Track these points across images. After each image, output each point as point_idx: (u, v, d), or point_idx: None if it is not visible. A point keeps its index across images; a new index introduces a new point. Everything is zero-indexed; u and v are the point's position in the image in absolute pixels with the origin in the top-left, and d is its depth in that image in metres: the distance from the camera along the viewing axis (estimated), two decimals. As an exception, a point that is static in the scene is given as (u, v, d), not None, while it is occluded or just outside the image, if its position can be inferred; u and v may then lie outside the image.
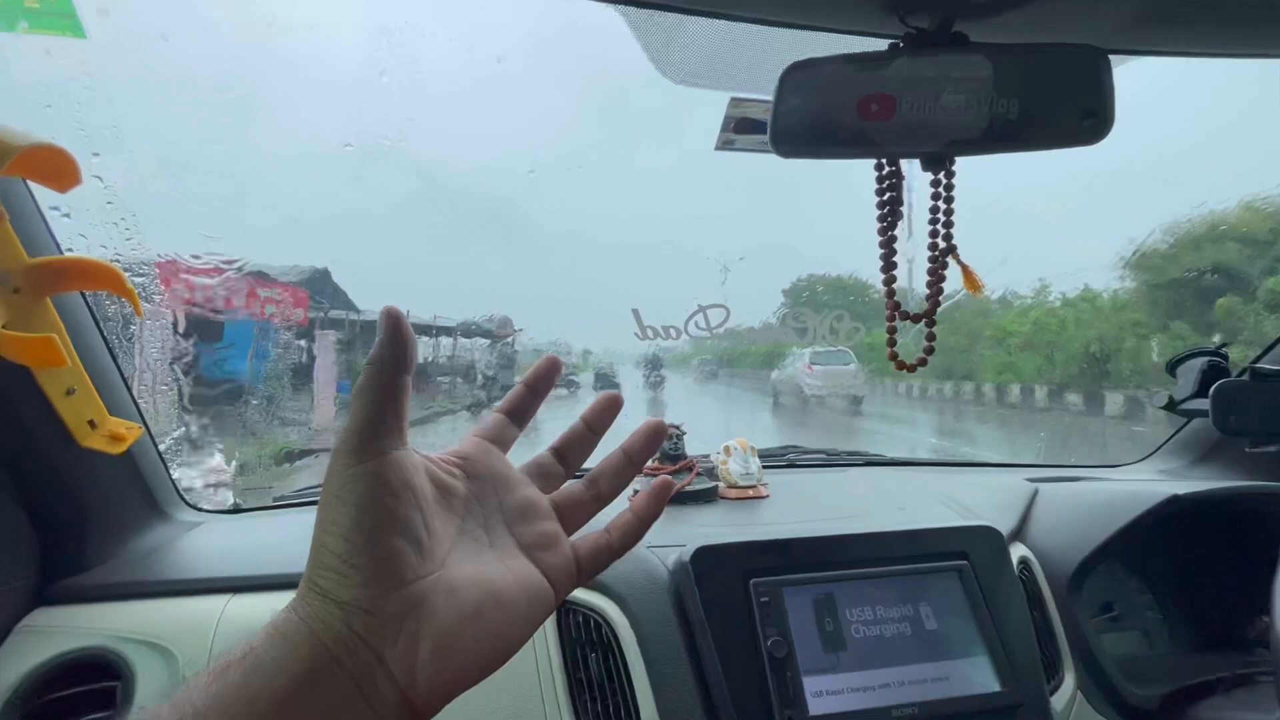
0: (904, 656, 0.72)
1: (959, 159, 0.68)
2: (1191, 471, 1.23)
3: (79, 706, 0.68)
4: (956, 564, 0.79)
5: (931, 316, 0.72)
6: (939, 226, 0.70)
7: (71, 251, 0.74)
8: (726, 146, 0.85)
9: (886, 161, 0.70)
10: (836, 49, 0.64)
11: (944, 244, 0.70)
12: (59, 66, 0.74)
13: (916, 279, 0.75)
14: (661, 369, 9.67)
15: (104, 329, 0.79)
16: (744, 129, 0.83)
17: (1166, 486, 0.94)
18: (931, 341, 0.73)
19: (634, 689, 0.70)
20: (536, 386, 0.41)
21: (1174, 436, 1.29)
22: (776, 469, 1.30)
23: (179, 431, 1.19)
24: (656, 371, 9.54)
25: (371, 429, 0.31)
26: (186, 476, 1.11)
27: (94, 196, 0.83)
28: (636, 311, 1.26)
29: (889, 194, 0.71)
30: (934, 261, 0.71)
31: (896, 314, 0.72)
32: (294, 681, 0.28)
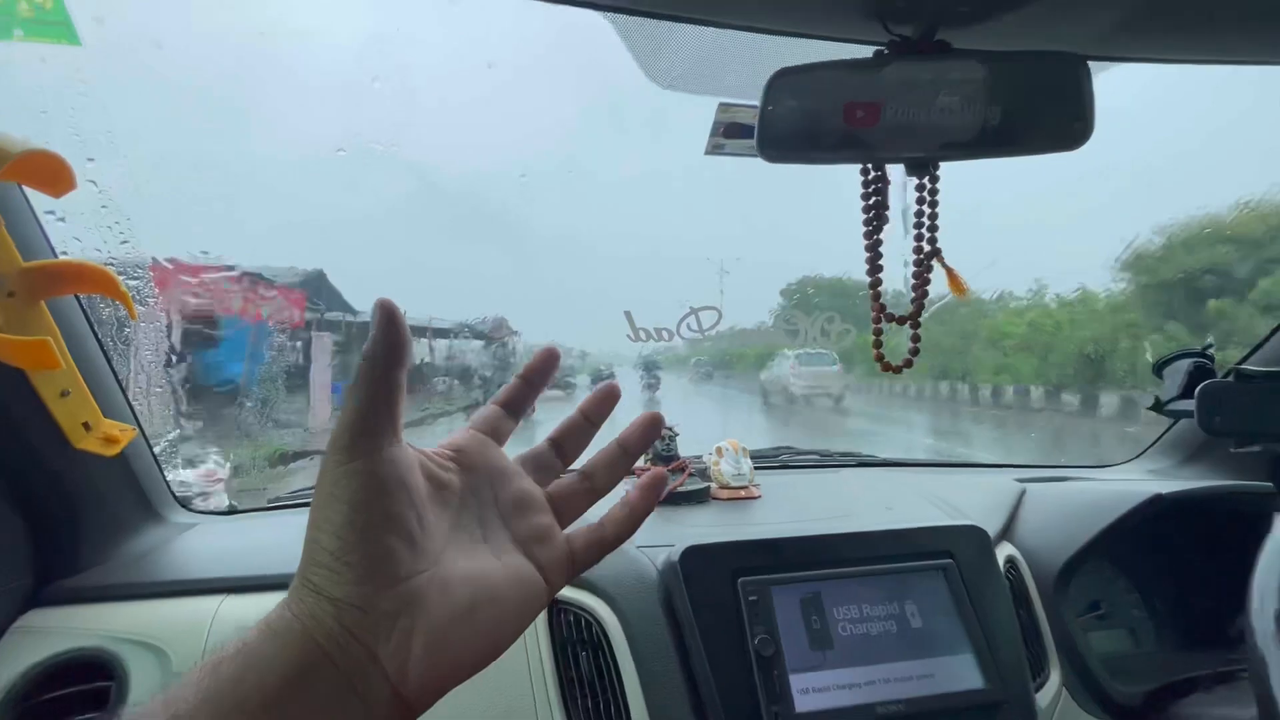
0: (890, 654, 0.73)
1: (943, 164, 0.70)
2: (1179, 471, 1.25)
3: (73, 707, 0.68)
4: (942, 563, 0.80)
5: (917, 319, 0.73)
6: (924, 230, 0.71)
7: (66, 255, 0.74)
8: (716, 151, 0.86)
9: (872, 166, 0.71)
10: (823, 55, 0.65)
11: (928, 247, 0.71)
12: (54, 73, 0.75)
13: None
14: (658, 370, 9.74)
15: (99, 332, 0.79)
16: (733, 134, 0.84)
17: (1153, 486, 0.95)
18: (917, 343, 0.74)
19: (624, 687, 0.70)
20: (533, 379, 0.41)
21: (1162, 437, 1.30)
22: (770, 469, 1.31)
23: (174, 433, 1.19)
24: (652, 373, 9.61)
25: (364, 425, 0.31)
26: (181, 478, 1.12)
27: (89, 201, 0.83)
28: (629, 314, 1.27)
29: (874, 198, 0.72)
30: (919, 265, 0.72)
31: (883, 316, 0.73)
32: (286, 677, 0.28)
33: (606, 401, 0.42)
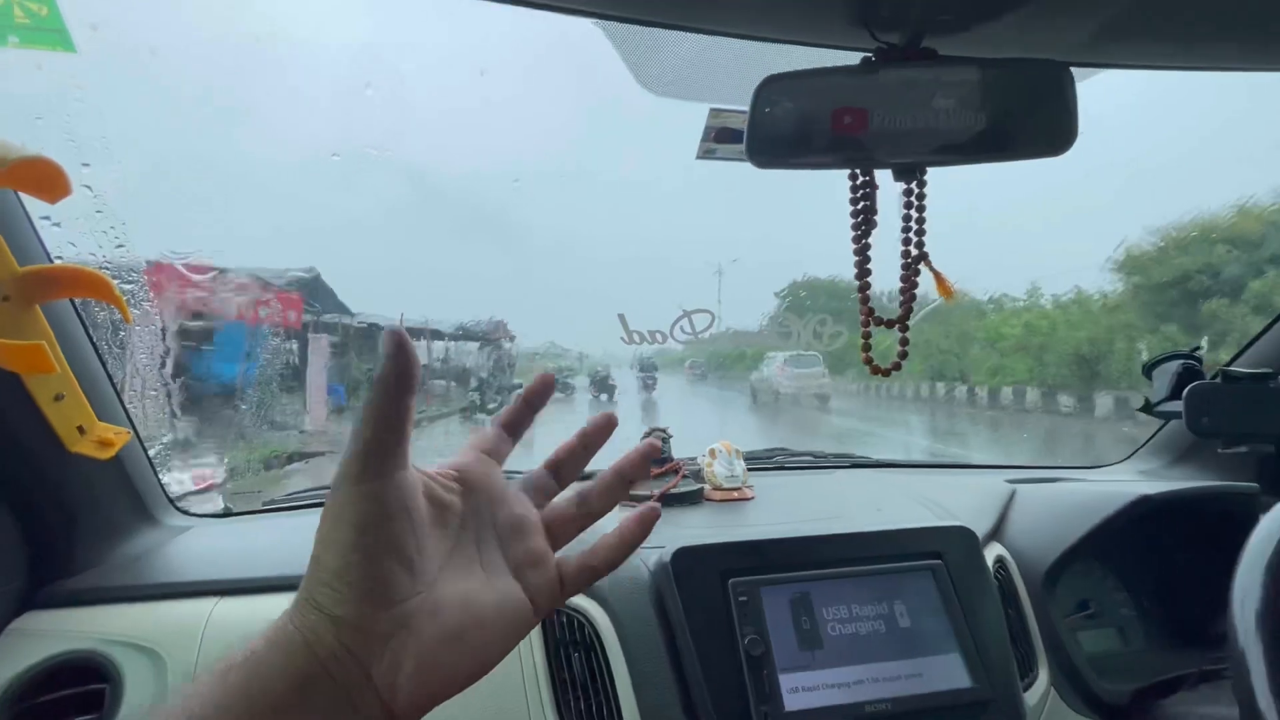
0: (878, 654, 0.74)
1: (931, 169, 0.70)
2: (1169, 472, 1.26)
3: (68, 709, 0.69)
4: (930, 563, 0.81)
5: (905, 322, 0.74)
6: (911, 235, 0.72)
7: (61, 260, 0.75)
8: (707, 156, 0.87)
9: (860, 172, 0.72)
10: (811, 63, 0.65)
11: (916, 251, 0.72)
12: (49, 80, 0.75)
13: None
14: (654, 371, 9.86)
15: (93, 336, 0.80)
16: (724, 139, 0.85)
17: (1141, 487, 0.96)
18: (905, 346, 0.75)
19: (616, 688, 0.71)
20: (533, 402, 0.42)
21: (1152, 438, 1.31)
22: (764, 471, 1.32)
23: (169, 436, 1.20)
24: (649, 374, 9.74)
25: (375, 451, 0.32)
26: (176, 481, 1.12)
27: (84, 205, 0.84)
28: (622, 316, 1.28)
29: (863, 203, 0.72)
30: (906, 269, 0.73)
31: (871, 319, 0.74)
32: (290, 687, 0.30)
33: (604, 430, 0.43)
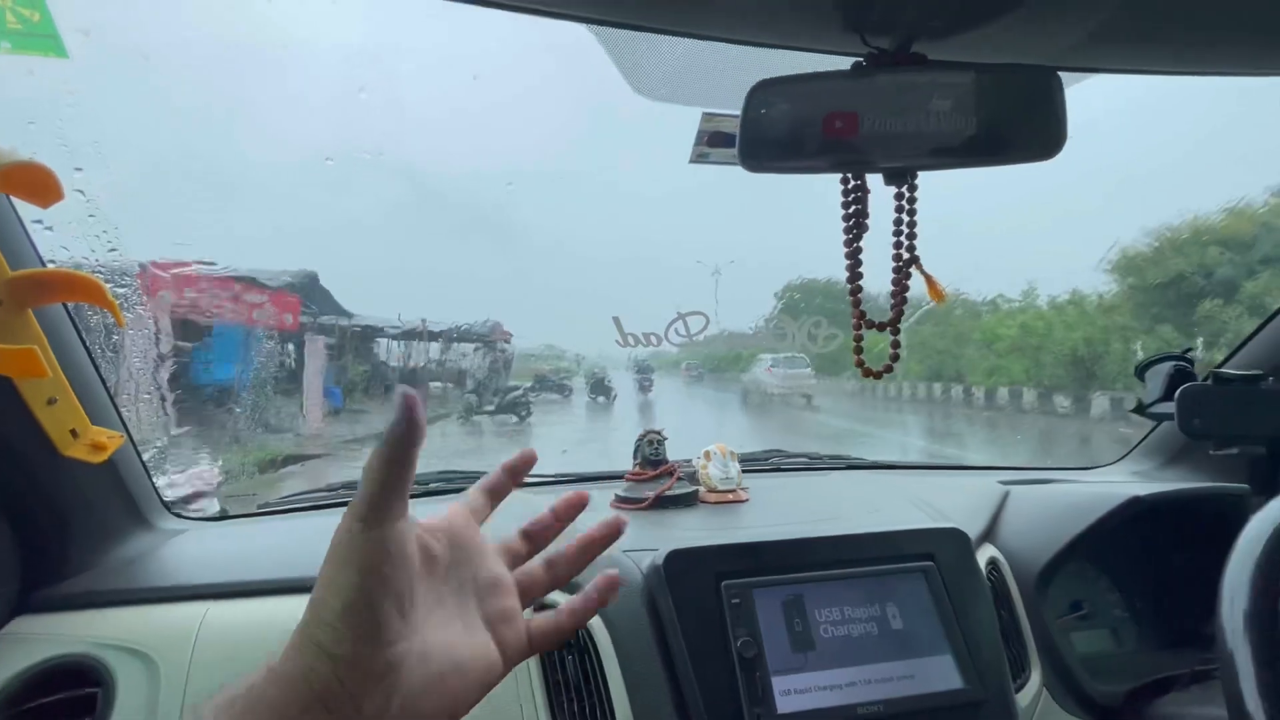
0: (870, 655, 0.74)
1: (922, 173, 0.71)
2: (1161, 473, 1.26)
3: (60, 713, 0.68)
4: (923, 565, 0.81)
5: (896, 325, 0.74)
6: (902, 238, 0.72)
7: (54, 264, 0.75)
8: (700, 159, 0.87)
9: (852, 176, 0.72)
10: (803, 67, 0.66)
11: (907, 254, 0.72)
12: (41, 85, 0.75)
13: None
14: (650, 373, 9.95)
15: (86, 339, 0.80)
16: (717, 143, 0.85)
17: (1134, 488, 0.96)
18: (897, 349, 0.75)
19: (609, 690, 0.71)
20: (515, 472, 0.47)
21: (1145, 439, 1.32)
22: (760, 472, 1.32)
23: (164, 440, 1.19)
24: (646, 375, 9.82)
25: (383, 499, 0.35)
26: (171, 484, 1.12)
27: (77, 210, 0.84)
28: (617, 319, 1.28)
29: (854, 207, 0.73)
30: (898, 272, 0.73)
31: (863, 323, 0.74)
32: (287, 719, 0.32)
33: (575, 508, 0.47)
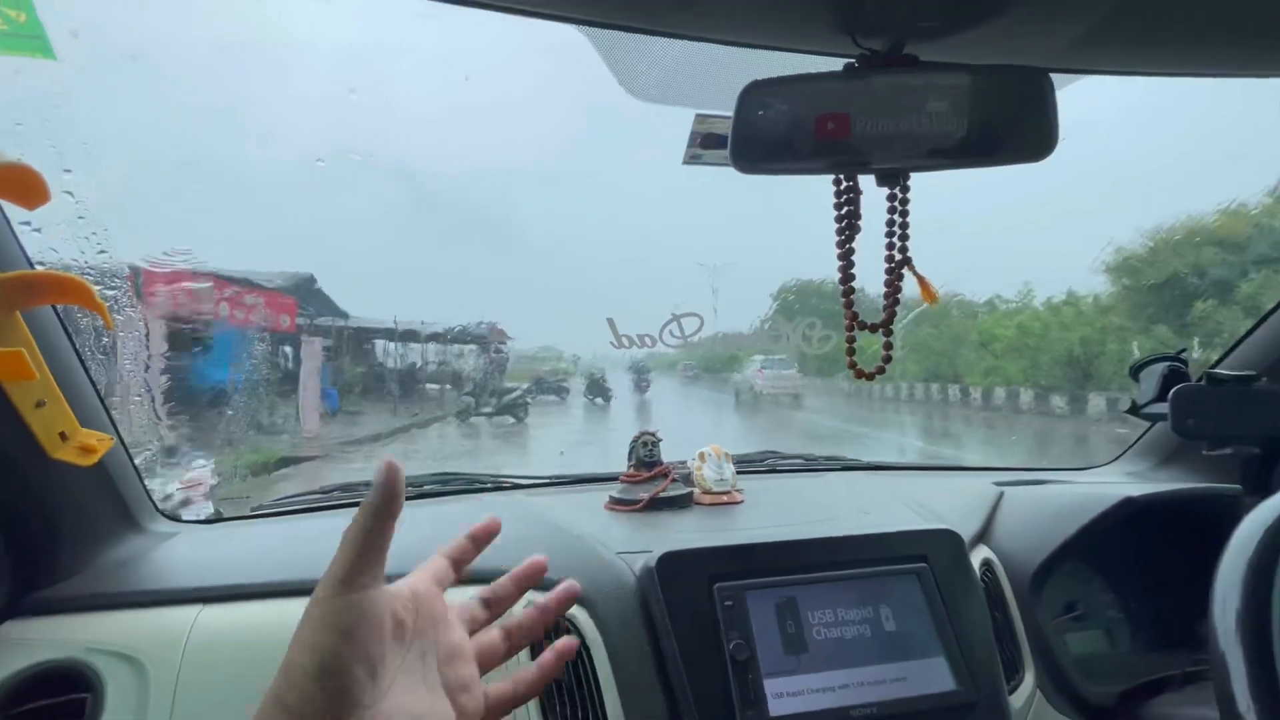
0: (863, 658, 0.74)
1: (915, 174, 0.71)
2: (1156, 474, 1.26)
3: (49, 719, 0.68)
4: (916, 566, 0.81)
5: (888, 326, 0.74)
6: (895, 239, 0.72)
7: (42, 265, 0.74)
8: (693, 161, 0.87)
9: (844, 177, 0.72)
10: (795, 68, 0.66)
11: (899, 256, 0.72)
12: (29, 86, 0.75)
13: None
14: (647, 374, 10.01)
15: (76, 341, 0.79)
16: (710, 144, 0.85)
17: (1128, 489, 0.96)
18: (889, 350, 0.75)
19: (601, 692, 0.71)
20: (478, 540, 0.48)
21: (1140, 439, 1.32)
22: (756, 474, 1.32)
23: (158, 442, 1.19)
24: (643, 376, 9.88)
25: (360, 566, 0.36)
26: (163, 486, 1.12)
27: (65, 211, 0.83)
28: (611, 320, 1.28)
29: (846, 208, 0.73)
30: (890, 273, 0.73)
31: (855, 324, 0.74)
32: None
33: (534, 577, 0.49)
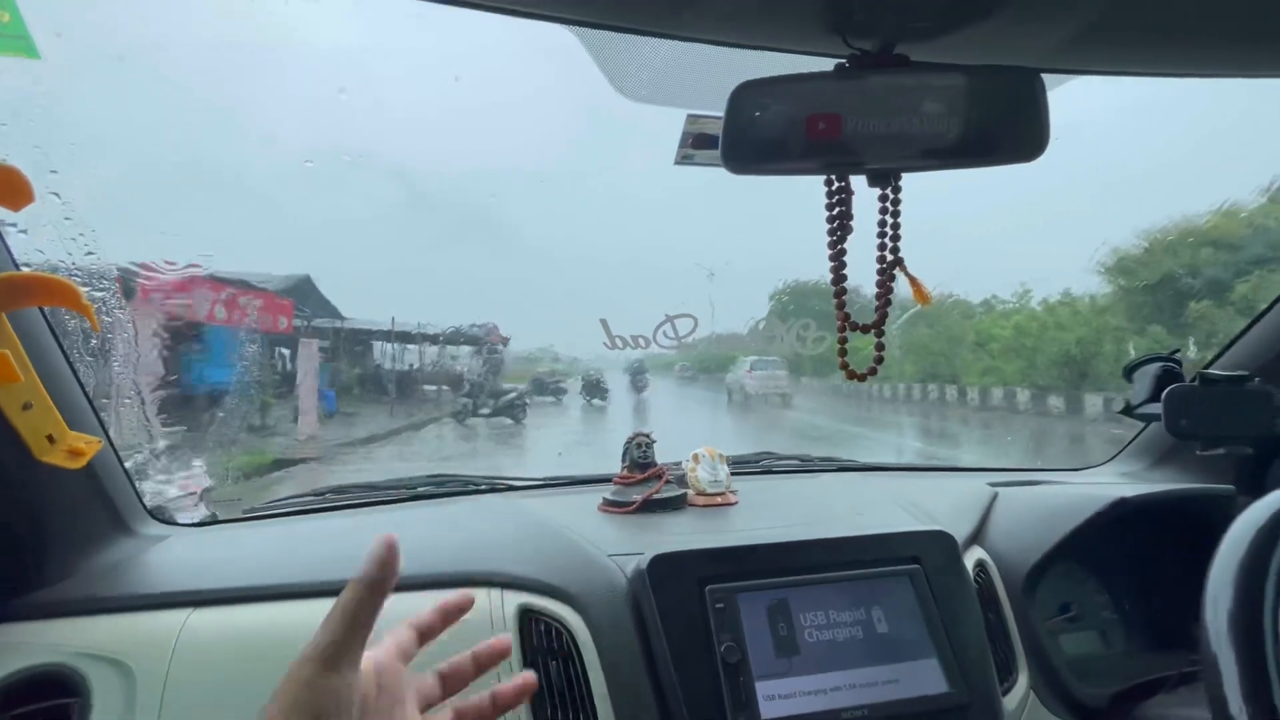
0: (856, 660, 0.74)
1: (906, 175, 0.70)
2: (1150, 474, 1.26)
3: (36, 723, 0.68)
4: (909, 568, 0.81)
5: (880, 327, 0.74)
6: (886, 240, 0.72)
7: (28, 267, 0.74)
8: (685, 161, 0.87)
9: (835, 177, 0.72)
10: (786, 69, 0.65)
11: (891, 257, 0.72)
12: (13, 86, 0.74)
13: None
14: (645, 374, 10.06)
15: (63, 343, 0.79)
16: (701, 144, 0.85)
17: (1122, 489, 0.96)
18: (881, 351, 0.75)
19: (592, 696, 0.71)
20: (448, 615, 0.50)
21: (1134, 440, 1.32)
22: (751, 475, 1.32)
23: (153, 444, 1.18)
24: (640, 376, 9.93)
25: (344, 646, 0.38)
26: (161, 489, 1.11)
27: (52, 212, 0.83)
28: (604, 321, 1.28)
29: (838, 209, 0.72)
30: (881, 274, 0.73)
31: (847, 325, 0.74)
32: None
33: (495, 659, 0.51)
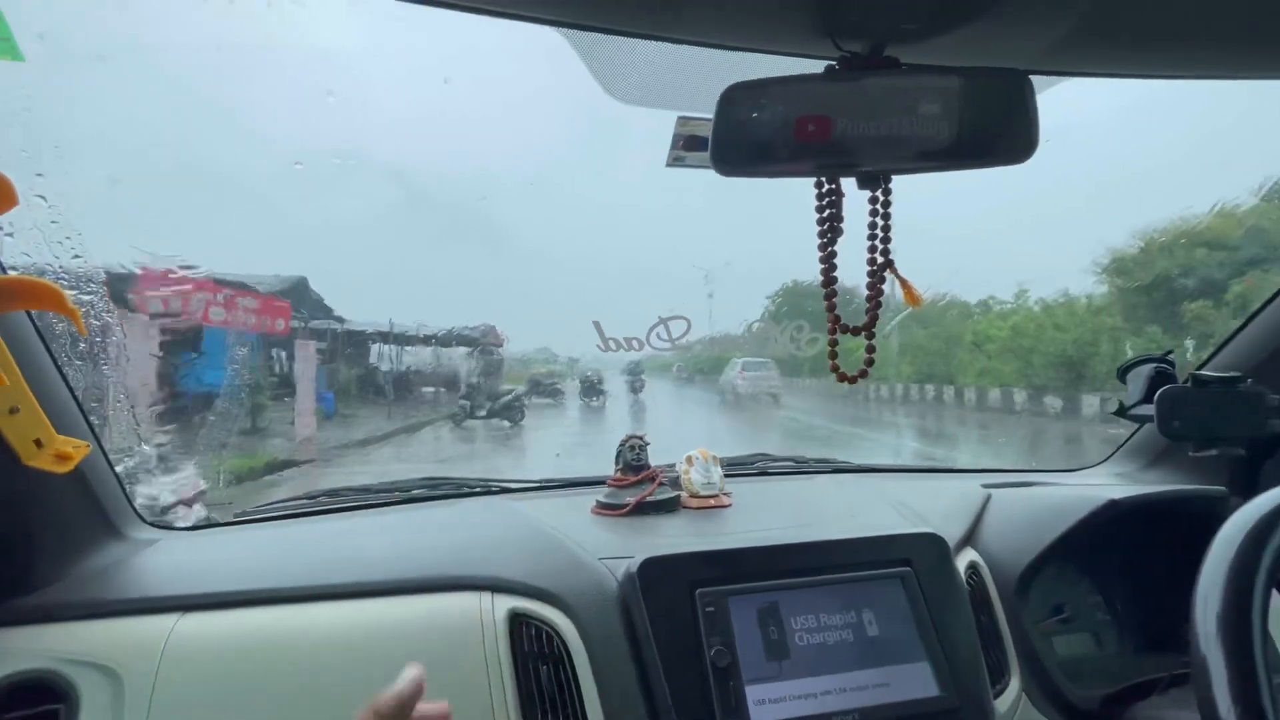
0: (846, 663, 0.74)
1: (896, 177, 0.70)
2: (1143, 475, 1.26)
3: (23, 729, 0.67)
4: (899, 571, 0.81)
5: (870, 329, 0.74)
6: (877, 243, 0.72)
7: (14, 270, 0.73)
8: (676, 163, 0.87)
9: (826, 180, 0.72)
10: (776, 71, 0.65)
11: (882, 259, 0.72)
12: (-4, 90, 0.74)
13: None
14: (642, 375, 10.11)
15: (51, 347, 0.78)
16: (692, 146, 0.85)
17: (1115, 491, 0.96)
18: (871, 354, 0.75)
19: (583, 700, 0.70)
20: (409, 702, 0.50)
21: (1128, 441, 1.32)
22: (745, 477, 1.31)
23: (146, 448, 1.18)
24: (638, 377, 9.96)
25: None
26: (157, 492, 1.11)
27: (38, 215, 0.82)
28: (597, 323, 1.28)
29: (829, 211, 0.72)
30: (872, 276, 0.73)
31: (838, 327, 0.74)
32: None
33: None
